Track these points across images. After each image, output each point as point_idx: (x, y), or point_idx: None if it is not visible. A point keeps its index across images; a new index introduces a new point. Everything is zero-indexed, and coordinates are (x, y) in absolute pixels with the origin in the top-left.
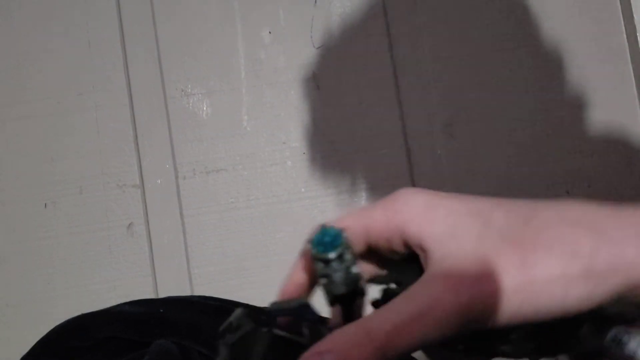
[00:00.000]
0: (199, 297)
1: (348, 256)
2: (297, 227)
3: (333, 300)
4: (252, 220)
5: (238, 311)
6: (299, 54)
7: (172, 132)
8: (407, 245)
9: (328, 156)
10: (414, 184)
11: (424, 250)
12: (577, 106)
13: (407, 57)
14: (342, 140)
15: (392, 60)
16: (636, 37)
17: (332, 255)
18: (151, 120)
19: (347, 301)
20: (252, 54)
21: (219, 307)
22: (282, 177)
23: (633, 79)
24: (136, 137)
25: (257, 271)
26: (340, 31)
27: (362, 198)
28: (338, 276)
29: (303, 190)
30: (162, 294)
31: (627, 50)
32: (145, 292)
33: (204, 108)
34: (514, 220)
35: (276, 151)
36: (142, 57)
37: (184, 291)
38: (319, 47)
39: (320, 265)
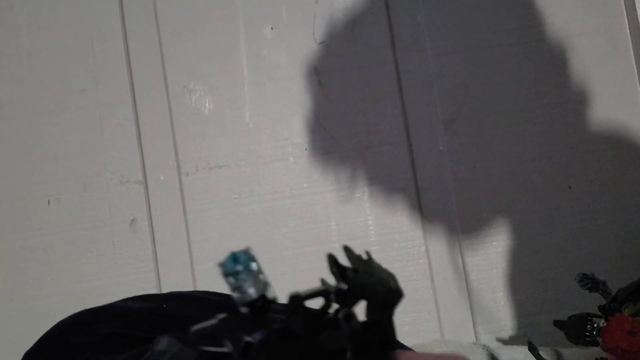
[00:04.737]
0: (202, 292)
1: (255, 266)
2: (300, 223)
3: (249, 309)
4: (254, 216)
5: (164, 339)
6: (301, 50)
7: (175, 128)
8: None
9: (330, 152)
10: (416, 180)
11: None
12: (579, 102)
13: (410, 53)
14: (344, 137)
15: (394, 56)
16: (639, 32)
17: (239, 267)
18: (154, 117)
19: (261, 308)
20: (254, 50)
21: (222, 303)
22: (284, 173)
23: (636, 74)
24: (139, 133)
25: None
26: (342, 27)
27: (364, 194)
28: (248, 284)
29: (305, 186)
30: (165, 289)
31: (630, 45)
32: (149, 288)
33: (207, 104)
34: None
35: (278, 147)
36: (144, 54)
37: (187, 287)
38: (321, 43)
39: (231, 281)
